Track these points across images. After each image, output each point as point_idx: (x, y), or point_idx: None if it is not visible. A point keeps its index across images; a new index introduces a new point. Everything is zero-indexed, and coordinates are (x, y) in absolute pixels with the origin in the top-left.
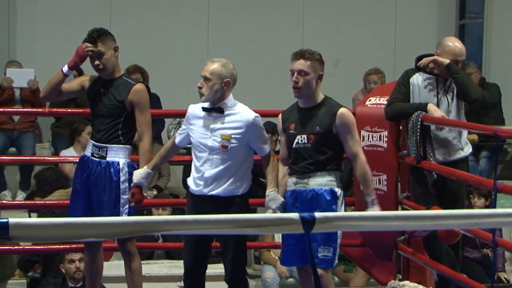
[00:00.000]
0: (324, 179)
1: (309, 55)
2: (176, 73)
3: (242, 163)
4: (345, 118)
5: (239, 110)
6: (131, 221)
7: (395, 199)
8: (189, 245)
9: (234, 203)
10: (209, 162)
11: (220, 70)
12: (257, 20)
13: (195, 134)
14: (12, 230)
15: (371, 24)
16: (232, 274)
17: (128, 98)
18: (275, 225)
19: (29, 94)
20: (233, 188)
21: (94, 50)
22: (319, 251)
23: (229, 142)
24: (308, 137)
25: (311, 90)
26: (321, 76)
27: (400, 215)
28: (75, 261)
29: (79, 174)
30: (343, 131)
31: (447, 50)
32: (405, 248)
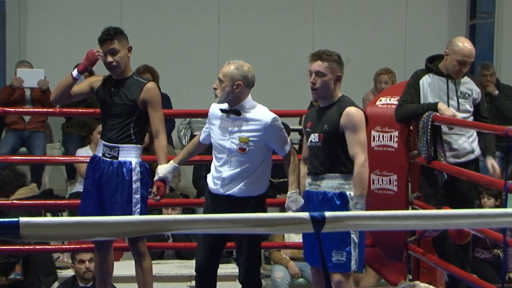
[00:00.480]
0: (335, 181)
1: (326, 56)
2: (186, 73)
3: (259, 165)
4: (350, 117)
5: (257, 112)
6: (142, 220)
7: (406, 199)
8: (204, 242)
9: (249, 204)
10: (228, 164)
11: (232, 72)
12: (267, 20)
13: (215, 135)
14: (23, 229)
15: (382, 24)
16: (246, 275)
17: (141, 97)
18: (285, 225)
19: (39, 94)
20: (250, 189)
21: (104, 53)
22: (332, 255)
23: (247, 145)
24: (318, 136)
25: (329, 91)
26: (339, 77)
27: (410, 214)
28: (85, 262)
29: (90, 174)
30: (347, 130)
31: (456, 50)
32: (416, 248)
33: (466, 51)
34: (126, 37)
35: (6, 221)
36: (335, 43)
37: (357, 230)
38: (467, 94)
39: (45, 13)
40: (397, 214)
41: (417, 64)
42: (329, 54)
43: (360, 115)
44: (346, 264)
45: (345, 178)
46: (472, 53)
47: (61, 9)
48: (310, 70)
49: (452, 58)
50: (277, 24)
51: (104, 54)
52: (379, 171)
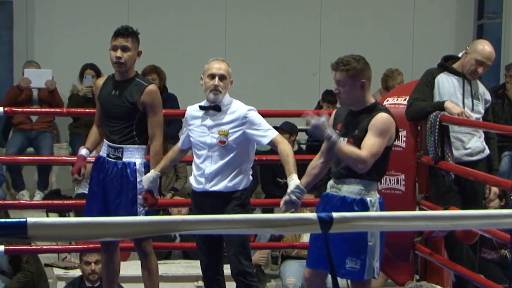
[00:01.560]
0: (357, 187)
1: (343, 67)
2: (193, 73)
3: (241, 158)
4: (379, 121)
5: (234, 106)
6: (148, 221)
7: (413, 199)
8: (202, 243)
9: (234, 197)
10: (209, 159)
11: (229, 69)
12: (274, 20)
13: (194, 133)
14: (30, 230)
15: (389, 24)
16: (239, 268)
17: (141, 100)
18: (293, 225)
19: (46, 94)
20: (234, 184)
21: (114, 47)
22: (347, 262)
23: (227, 137)
24: (348, 141)
25: (354, 98)
26: (363, 83)
27: (418, 215)
28: (91, 263)
29: (95, 175)
30: (370, 131)
31: (478, 50)
32: (423, 249)
33: (487, 53)
34: (139, 41)
35: (14, 221)
36: (342, 44)
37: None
38: (480, 96)
39: (52, 14)
40: (404, 215)
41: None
42: (347, 63)
43: (389, 123)
44: (360, 272)
45: (367, 184)
46: (492, 56)
47: (68, 9)
48: (334, 79)
49: (471, 57)
50: (284, 24)
51: (115, 48)
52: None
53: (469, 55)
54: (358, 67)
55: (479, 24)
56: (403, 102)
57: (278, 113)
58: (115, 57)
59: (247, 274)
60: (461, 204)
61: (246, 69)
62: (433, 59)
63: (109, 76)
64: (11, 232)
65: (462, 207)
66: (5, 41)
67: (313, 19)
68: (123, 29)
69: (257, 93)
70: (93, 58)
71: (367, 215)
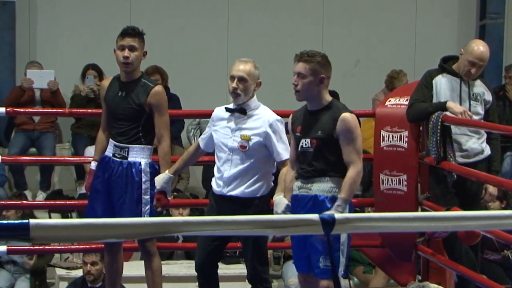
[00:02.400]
0: (327, 185)
1: (308, 58)
2: (196, 73)
3: (261, 164)
4: (346, 123)
5: (261, 112)
6: (152, 222)
7: (415, 199)
8: (204, 242)
9: (252, 204)
10: (229, 163)
11: (254, 71)
12: (277, 20)
13: (218, 134)
14: (33, 231)
15: (391, 24)
16: (254, 273)
17: (147, 101)
18: (295, 226)
19: (49, 95)
20: (252, 190)
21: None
22: (320, 261)
23: (248, 143)
24: (311, 142)
25: (311, 93)
26: (322, 79)
27: (419, 216)
28: (87, 264)
29: (99, 174)
30: (342, 137)
31: (469, 50)
32: (425, 249)
33: (478, 53)
34: (144, 42)
35: (17, 222)
36: (344, 44)
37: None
38: (479, 97)
39: (55, 14)
40: (406, 215)
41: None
42: (312, 55)
43: (355, 122)
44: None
45: (336, 182)
46: (484, 56)
47: (71, 9)
48: (293, 71)
49: (465, 58)
50: (287, 25)
51: (122, 47)
52: (389, 171)
53: (463, 56)
54: (321, 62)
55: (481, 24)
56: (405, 102)
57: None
58: (123, 57)
59: (262, 280)
60: (460, 205)
61: None
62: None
63: (114, 77)
64: (13, 234)
65: (461, 208)
66: (7, 41)
67: (315, 19)
68: (130, 29)
69: (260, 94)
70: (96, 58)
71: (369, 215)
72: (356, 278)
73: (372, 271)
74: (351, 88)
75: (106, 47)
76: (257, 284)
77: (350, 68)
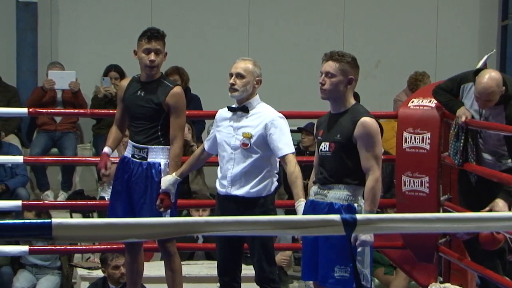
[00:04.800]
0: (343, 193)
1: (338, 57)
2: (217, 73)
3: (264, 162)
4: (365, 128)
5: (262, 109)
6: (172, 222)
7: (437, 201)
8: (221, 245)
9: (258, 204)
10: (232, 161)
11: (253, 68)
12: (297, 21)
13: (221, 134)
14: (55, 231)
15: (412, 25)
16: (262, 274)
17: (166, 101)
18: (316, 227)
19: (70, 95)
20: (257, 190)
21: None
22: (335, 270)
23: (250, 140)
24: (329, 145)
25: (337, 93)
26: (351, 80)
27: (442, 217)
28: (120, 267)
29: (119, 175)
30: (361, 142)
31: (476, 82)
32: (447, 250)
33: (479, 88)
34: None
35: (39, 222)
36: (365, 44)
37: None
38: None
39: (76, 15)
40: (428, 216)
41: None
42: (342, 55)
43: (376, 127)
44: (349, 281)
45: (353, 190)
46: (485, 92)
47: (92, 10)
48: (321, 70)
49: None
50: (307, 26)
51: (148, 51)
52: (411, 172)
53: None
54: (351, 63)
55: (503, 25)
56: (428, 103)
57: (302, 114)
58: (149, 60)
59: (270, 281)
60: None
61: (270, 69)
62: (457, 61)
63: (133, 77)
64: (36, 233)
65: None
66: (30, 42)
67: (336, 20)
68: (156, 31)
69: (281, 94)
70: (117, 59)
71: (391, 216)
72: (377, 279)
73: (393, 272)
74: (372, 89)
75: (127, 48)
76: (265, 285)
77: (371, 69)
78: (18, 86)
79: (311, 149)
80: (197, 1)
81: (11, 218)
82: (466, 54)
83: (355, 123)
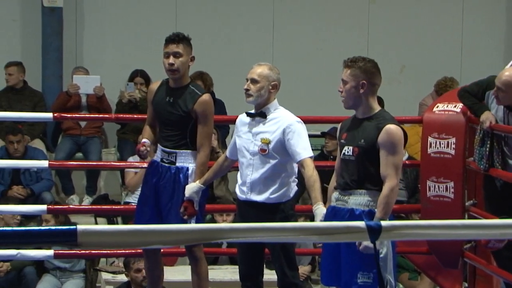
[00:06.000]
0: (364, 198)
1: (350, 63)
2: (241, 78)
3: (283, 168)
4: (389, 135)
5: (280, 115)
6: (198, 229)
7: (462, 206)
8: (242, 250)
9: (278, 209)
10: (251, 167)
11: (268, 73)
12: (322, 25)
13: (241, 140)
14: (80, 237)
15: (437, 29)
16: (284, 279)
17: (194, 108)
18: (341, 233)
19: (95, 100)
20: (278, 196)
21: (167, 54)
22: (358, 276)
23: (268, 146)
24: (353, 150)
25: (353, 100)
26: (363, 84)
27: (468, 224)
28: (142, 270)
29: (148, 179)
30: (383, 148)
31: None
32: (472, 256)
33: (503, 78)
34: (191, 47)
35: (64, 228)
36: (390, 49)
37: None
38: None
39: (101, 20)
40: (454, 223)
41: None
42: (353, 61)
43: (400, 135)
44: (373, 286)
45: (374, 195)
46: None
47: (117, 15)
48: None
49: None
50: (332, 30)
51: (167, 55)
52: (436, 178)
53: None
54: (363, 67)
55: None
56: (453, 108)
57: (326, 119)
58: (168, 64)
59: (293, 285)
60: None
61: (294, 74)
62: (483, 64)
63: (163, 81)
64: (61, 239)
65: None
66: (55, 47)
67: (361, 24)
68: (174, 35)
69: (306, 98)
70: (142, 64)
71: (416, 223)
72: (402, 285)
73: (417, 277)
74: (396, 95)
75: (151, 53)
76: None
77: (396, 74)
78: (43, 91)
79: (334, 154)
80: (221, 6)
81: (35, 223)
82: (492, 58)
83: (380, 129)
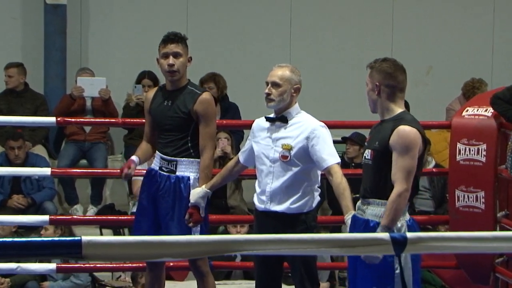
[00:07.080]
0: (381, 210)
1: (369, 65)
2: (256, 81)
3: (305, 176)
4: (400, 136)
5: (302, 119)
6: (210, 240)
7: (493, 217)
8: (259, 263)
9: (299, 220)
10: (271, 175)
11: (290, 75)
12: (343, 27)
13: (259, 146)
14: (85, 249)
15: (466, 29)
16: None
17: (194, 108)
18: (365, 246)
19: (100, 103)
20: (299, 205)
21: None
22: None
23: (290, 152)
24: (370, 153)
25: (372, 101)
26: (376, 86)
27: (500, 236)
28: None
29: (145, 189)
30: (394, 151)
31: None
32: (504, 271)
33: None
34: (188, 47)
35: (68, 239)
36: (416, 50)
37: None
38: None
39: (107, 19)
40: (485, 235)
41: (505, 71)
42: (371, 63)
43: (414, 137)
44: None
45: None
46: None
47: (124, 15)
48: None
49: None
50: (353, 31)
51: (166, 55)
52: (465, 187)
53: None
54: (378, 68)
55: None
56: (484, 112)
57: (347, 124)
58: (168, 64)
59: None
60: None
61: (313, 76)
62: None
63: (159, 87)
64: (65, 251)
65: None
66: (58, 47)
67: (385, 25)
68: (173, 34)
69: (325, 102)
70: (150, 65)
71: (444, 235)
72: None
73: None
74: (423, 97)
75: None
76: None
77: (422, 76)
78: (45, 94)
79: (356, 161)
80: (235, 5)
81: (36, 235)
82: None
83: (393, 130)
